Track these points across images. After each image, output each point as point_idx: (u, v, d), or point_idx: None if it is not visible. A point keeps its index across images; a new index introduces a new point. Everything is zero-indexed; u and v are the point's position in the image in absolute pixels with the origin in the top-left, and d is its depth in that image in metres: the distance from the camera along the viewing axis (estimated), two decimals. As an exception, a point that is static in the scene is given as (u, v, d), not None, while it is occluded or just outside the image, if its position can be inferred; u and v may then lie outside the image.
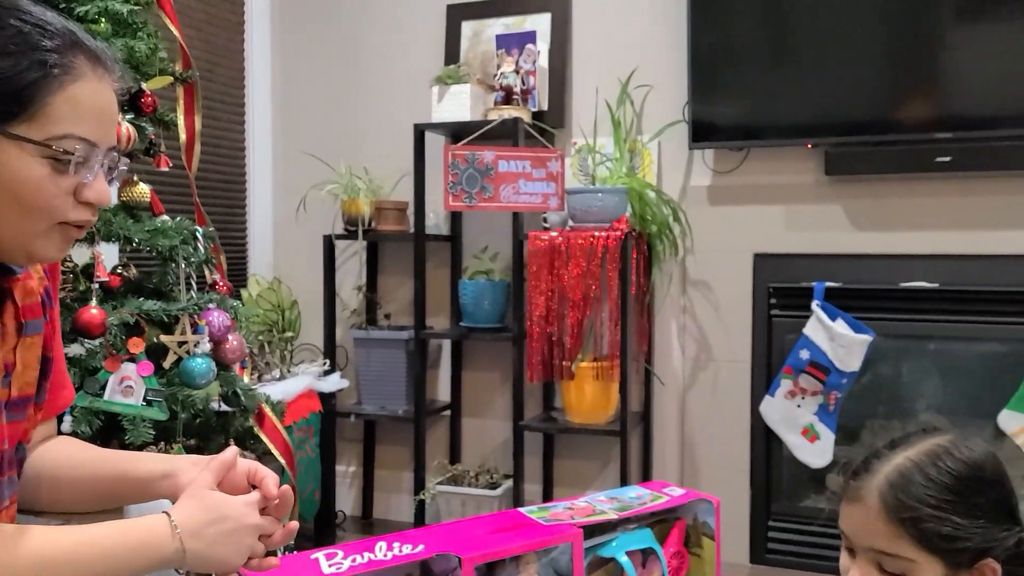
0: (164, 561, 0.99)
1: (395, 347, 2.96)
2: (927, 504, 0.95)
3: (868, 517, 0.98)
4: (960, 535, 0.95)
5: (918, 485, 0.96)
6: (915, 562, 0.96)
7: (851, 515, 1.01)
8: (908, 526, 0.95)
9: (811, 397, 2.59)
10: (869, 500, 0.98)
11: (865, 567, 0.99)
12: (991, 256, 2.47)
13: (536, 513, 2.05)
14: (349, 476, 3.25)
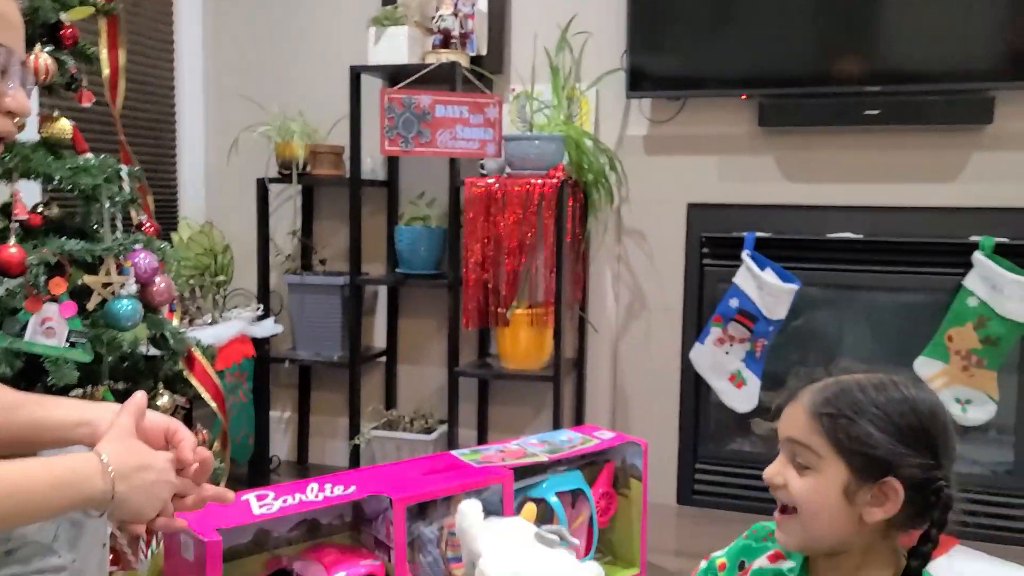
0: (89, 500, 0.96)
1: (330, 293, 2.93)
2: (849, 408, 1.00)
3: (793, 411, 1.04)
4: (868, 442, 0.98)
5: (850, 394, 1.01)
6: (822, 458, 1.00)
7: (786, 411, 1.06)
8: (824, 421, 1.00)
9: (739, 344, 2.66)
10: (803, 398, 1.04)
11: (780, 459, 1.05)
12: (913, 208, 2.54)
13: (468, 455, 2.08)
14: (284, 422, 3.24)
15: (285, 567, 1.69)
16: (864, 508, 1.00)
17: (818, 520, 1.01)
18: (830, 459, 1.00)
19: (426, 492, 1.79)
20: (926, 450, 1.00)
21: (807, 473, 1.01)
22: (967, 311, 2.44)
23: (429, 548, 1.83)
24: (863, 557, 1.03)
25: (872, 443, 0.99)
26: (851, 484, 0.99)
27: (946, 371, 2.48)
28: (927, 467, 1.00)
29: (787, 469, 1.03)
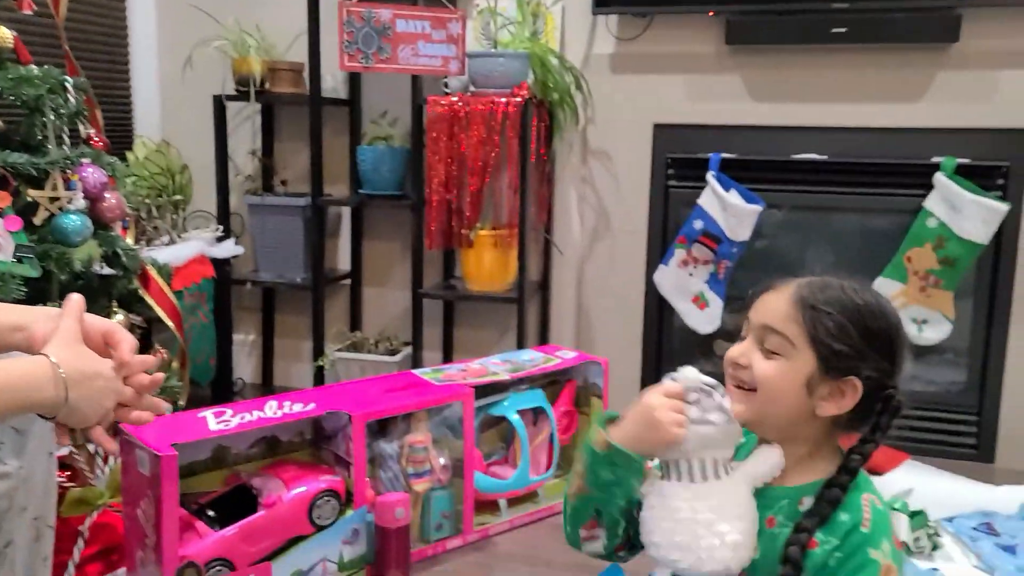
0: (41, 405, 0.95)
1: (292, 214, 2.89)
2: (831, 303, 1.03)
3: (775, 299, 1.05)
4: (843, 339, 1.02)
5: (833, 291, 1.05)
6: (795, 348, 1.02)
7: (764, 301, 1.07)
8: (805, 311, 1.02)
9: (703, 266, 2.67)
10: (785, 287, 1.06)
11: (748, 343, 1.06)
12: (878, 129, 2.53)
13: (429, 374, 2.09)
14: (248, 344, 3.23)
15: (244, 483, 1.70)
16: (819, 402, 1.03)
17: (774, 404, 1.04)
18: (802, 349, 1.02)
19: (386, 409, 1.80)
20: (887, 356, 1.04)
21: (775, 358, 1.03)
22: (926, 232, 2.45)
23: (389, 464, 1.84)
24: (808, 450, 1.06)
25: (846, 340, 1.02)
26: (814, 376, 1.02)
27: (904, 291, 2.51)
28: (885, 372, 1.03)
29: (753, 352, 1.04)
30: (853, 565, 0.97)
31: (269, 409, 1.73)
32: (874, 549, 0.98)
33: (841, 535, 0.99)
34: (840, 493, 1.01)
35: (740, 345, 1.06)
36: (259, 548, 1.62)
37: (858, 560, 0.97)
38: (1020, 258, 2.46)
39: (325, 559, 1.72)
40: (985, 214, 2.36)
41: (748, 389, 1.04)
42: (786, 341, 1.02)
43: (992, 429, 2.54)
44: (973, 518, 2.06)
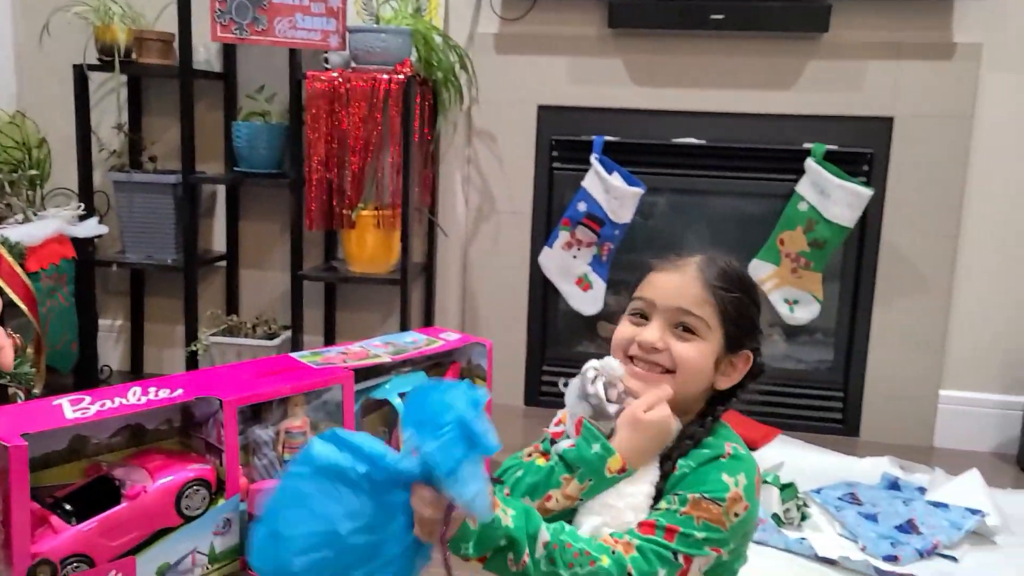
0: None
1: (161, 192, 2.75)
2: (733, 283, 1.08)
3: (684, 281, 1.07)
4: (747, 317, 1.08)
5: (731, 272, 1.09)
6: (710, 328, 1.06)
7: (665, 280, 1.08)
8: (716, 293, 1.06)
9: (586, 248, 2.69)
10: (689, 269, 1.08)
11: (658, 326, 1.06)
12: (753, 115, 2.61)
13: (307, 357, 2.01)
14: (116, 330, 3.06)
15: (105, 474, 1.60)
16: (719, 377, 1.08)
17: (690, 384, 1.07)
18: (715, 329, 1.06)
19: (259, 394, 1.72)
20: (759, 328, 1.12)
21: (692, 339, 1.06)
22: (798, 215, 2.54)
23: (264, 451, 1.77)
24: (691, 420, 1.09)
25: (750, 318, 1.09)
26: (720, 353, 1.07)
27: (777, 273, 2.60)
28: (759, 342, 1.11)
29: (667, 335, 1.05)
30: (702, 477, 1.01)
31: (132, 396, 1.63)
32: (728, 475, 1.01)
33: (700, 460, 1.03)
34: (702, 432, 1.06)
35: (653, 330, 1.06)
36: (121, 542, 1.53)
37: (709, 476, 1.01)
38: (883, 242, 2.58)
39: (195, 551, 1.63)
40: (851, 199, 2.46)
41: (663, 371, 1.06)
42: (703, 323, 1.05)
43: (857, 405, 2.67)
44: (839, 489, 2.16)
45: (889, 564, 1.78)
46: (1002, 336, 2.58)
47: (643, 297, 1.08)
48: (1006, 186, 2.52)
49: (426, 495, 0.89)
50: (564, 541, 0.97)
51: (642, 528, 1.01)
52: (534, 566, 0.95)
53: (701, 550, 1.00)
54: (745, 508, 1.02)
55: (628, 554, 0.98)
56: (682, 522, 1.00)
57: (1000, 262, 2.56)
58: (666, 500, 1.02)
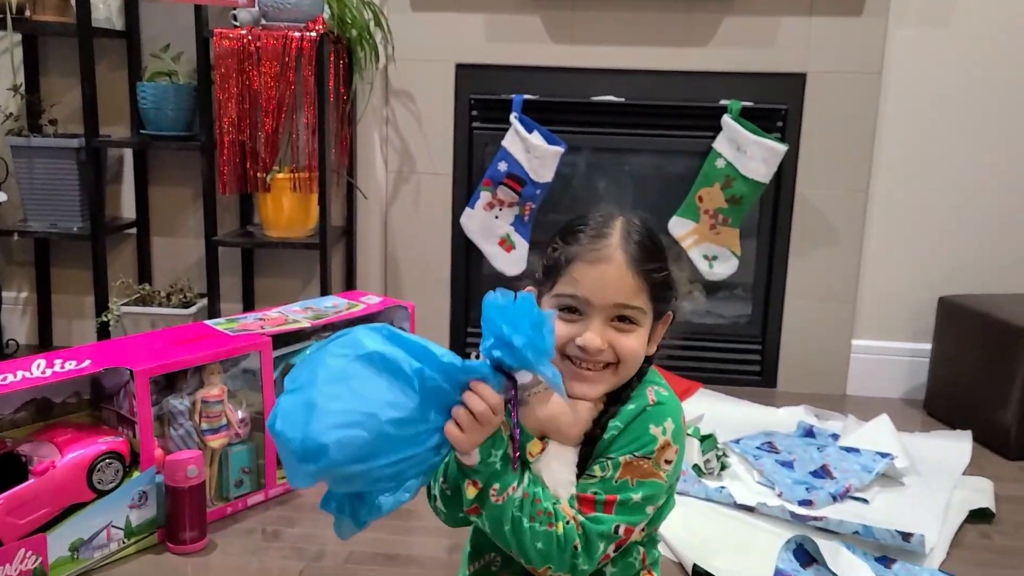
0: None
1: (63, 157, 2.62)
2: (656, 258, 1.05)
3: (616, 274, 1.02)
4: (669, 287, 1.07)
5: (657, 242, 1.06)
6: (645, 313, 1.05)
7: (595, 275, 1.02)
8: (647, 278, 1.03)
9: (508, 208, 2.67)
10: (616, 256, 1.03)
11: (599, 325, 1.03)
12: (671, 72, 2.61)
13: (224, 324, 1.96)
14: (21, 302, 2.93)
15: (10, 450, 1.54)
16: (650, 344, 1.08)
17: (633, 369, 1.06)
18: (648, 310, 1.05)
19: (172, 363, 1.68)
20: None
21: (631, 330, 1.03)
22: (715, 172, 2.57)
23: (180, 420, 1.72)
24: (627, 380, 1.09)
25: (672, 286, 1.07)
26: (651, 326, 1.07)
27: (696, 229, 2.63)
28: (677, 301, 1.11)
29: (607, 332, 1.03)
30: (631, 436, 1.02)
31: (36, 369, 1.56)
32: (655, 425, 1.02)
33: (627, 419, 1.03)
34: (629, 391, 1.06)
35: (594, 331, 1.02)
36: (30, 519, 1.48)
37: (637, 432, 1.02)
38: (797, 197, 2.63)
39: (110, 525, 1.59)
40: (766, 154, 2.50)
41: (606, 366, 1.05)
42: (640, 311, 1.04)
43: (774, 357, 2.74)
44: (757, 438, 2.22)
45: (804, 508, 1.84)
46: (910, 286, 2.67)
47: (575, 295, 1.03)
48: (913, 141, 2.59)
49: (486, 391, 0.93)
50: (536, 495, 0.99)
51: (583, 505, 1.01)
52: (510, 502, 0.97)
53: (642, 514, 1.02)
54: (675, 452, 1.03)
55: (577, 531, 1.00)
56: (618, 488, 1.01)
57: (908, 215, 2.64)
58: (599, 466, 1.02)
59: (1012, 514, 1.93)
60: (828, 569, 1.62)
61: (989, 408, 2.32)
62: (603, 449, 1.03)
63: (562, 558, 0.99)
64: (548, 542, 0.98)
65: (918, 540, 1.69)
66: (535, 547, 0.98)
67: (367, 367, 0.91)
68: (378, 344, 0.92)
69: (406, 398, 0.92)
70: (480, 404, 0.93)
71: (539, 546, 0.98)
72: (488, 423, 0.94)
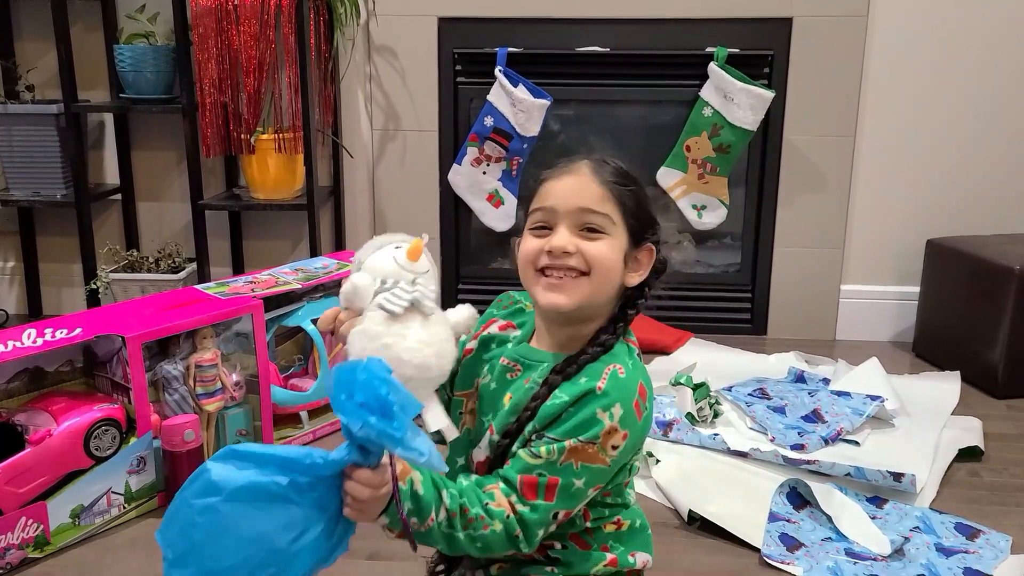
0: None
1: (43, 123, 2.58)
2: (629, 179, 1.06)
3: (580, 182, 1.04)
4: (644, 208, 1.07)
5: (621, 169, 1.07)
6: (615, 224, 1.05)
7: (560, 186, 1.05)
8: (612, 189, 1.04)
9: (495, 164, 2.66)
10: (582, 170, 1.05)
11: (565, 230, 1.04)
12: (656, 20, 2.58)
13: (214, 289, 1.96)
14: (8, 272, 2.92)
15: (6, 420, 1.54)
16: (628, 274, 1.07)
17: (606, 281, 1.05)
18: (619, 225, 1.05)
19: (163, 328, 1.67)
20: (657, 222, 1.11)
21: (599, 238, 1.04)
22: (703, 121, 2.56)
23: (175, 386, 1.73)
24: (601, 324, 1.08)
25: (647, 209, 1.08)
26: (627, 248, 1.06)
27: (685, 179, 2.62)
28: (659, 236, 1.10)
29: (575, 238, 1.04)
30: (576, 420, 1.00)
31: (27, 338, 1.56)
32: (602, 410, 1.01)
33: (575, 393, 1.01)
34: (612, 339, 1.05)
35: (561, 236, 1.03)
36: (29, 488, 1.49)
37: (583, 416, 1.00)
38: (784, 143, 2.63)
39: (110, 491, 1.60)
40: (753, 101, 2.48)
41: (578, 275, 1.04)
42: (607, 219, 1.04)
43: (764, 304, 2.75)
44: (749, 385, 2.24)
45: (796, 452, 1.86)
46: (898, 230, 2.68)
47: (542, 207, 1.05)
48: (900, 85, 2.58)
49: (364, 475, 0.90)
50: (463, 506, 0.99)
51: (525, 489, 1.00)
52: (437, 527, 0.98)
53: (582, 498, 1.02)
54: (624, 437, 1.01)
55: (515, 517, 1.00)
56: (562, 472, 1.00)
57: (895, 159, 2.64)
58: (546, 448, 1.00)
59: (1000, 451, 1.96)
60: (821, 511, 1.65)
61: (977, 348, 2.34)
62: (544, 419, 1.02)
63: (504, 548, 1.01)
64: (487, 541, 1.00)
65: (909, 480, 1.72)
66: (475, 547, 1.00)
67: (237, 505, 0.85)
68: (234, 477, 0.86)
69: (293, 512, 0.87)
70: (362, 490, 0.90)
71: (479, 546, 1.00)
72: (378, 500, 0.92)
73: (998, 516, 1.68)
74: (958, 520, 1.65)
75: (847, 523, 1.61)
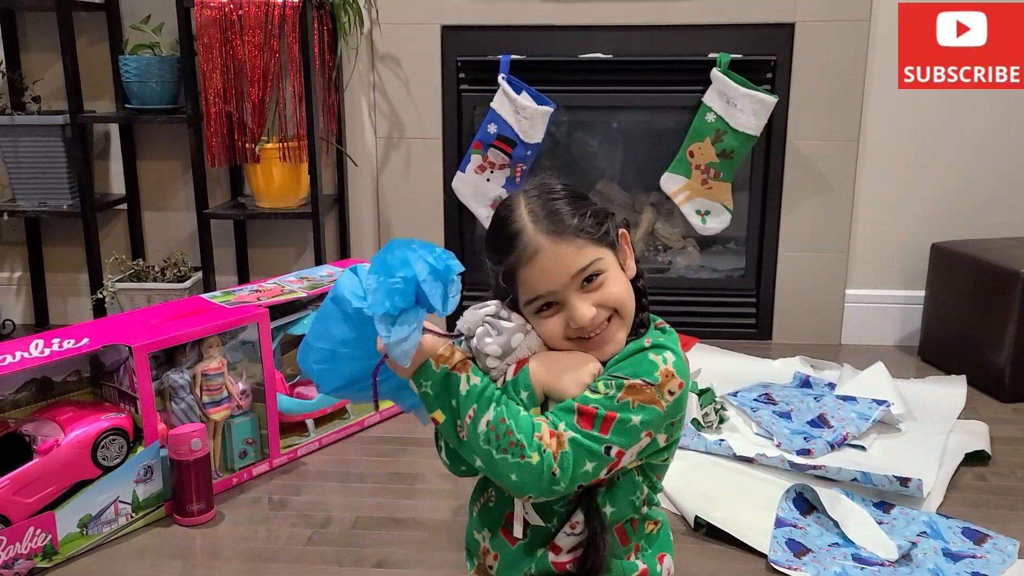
0: None
1: (49, 134, 2.60)
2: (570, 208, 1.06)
3: (552, 256, 1.04)
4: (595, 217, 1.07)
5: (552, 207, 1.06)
6: (601, 258, 1.07)
7: (539, 271, 1.05)
8: (580, 234, 1.05)
9: (499, 171, 2.66)
10: (541, 243, 1.04)
11: (578, 298, 1.05)
12: (658, 27, 2.59)
13: (219, 297, 1.97)
14: (15, 282, 2.93)
15: (13, 430, 1.54)
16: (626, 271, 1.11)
17: (630, 305, 1.09)
18: (602, 248, 1.07)
19: (169, 338, 1.68)
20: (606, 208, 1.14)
21: (603, 280, 1.06)
22: (706, 126, 2.56)
23: (181, 395, 1.73)
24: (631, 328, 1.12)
25: (597, 212, 1.08)
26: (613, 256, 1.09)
27: (688, 185, 2.62)
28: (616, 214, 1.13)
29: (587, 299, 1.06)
30: (633, 362, 1.05)
31: (35, 348, 1.57)
32: (655, 354, 1.06)
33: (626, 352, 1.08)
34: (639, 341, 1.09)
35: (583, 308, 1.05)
36: (37, 498, 1.49)
37: (638, 360, 1.05)
38: (788, 148, 2.63)
39: (117, 500, 1.61)
40: (757, 107, 2.49)
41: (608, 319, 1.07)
42: (597, 259, 1.06)
43: (769, 309, 2.75)
44: (754, 390, 2.24)
45: (802, 458, 1.86)
46: (902, 234, 2.67)
47: (539, 296, 1.06)
48: (903, 89, 2.58)
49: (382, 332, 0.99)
50: (506, 427, 1.01)
51: (581, 418, 1.02)
52: (474, 438, 1.01)
53: (636, 438, 1.03)
54: (680, 386, 1.05)
55: (559, 450, 1.01)
56: (620, 407, 1.02)
57: (899, 163, 2.63)
58: (603, 383, 1.03)
59: (1007, 455, 1.96)
60: (828, 516, 1.64)
61: (982, 352, 2.34)
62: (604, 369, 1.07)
63: (539, 486, 1.01)
64: (522, 472, 1.00)
65: (916, 484, 1.71)
66: (509, 478, 1.01)
67: (334, 308, 1.06)
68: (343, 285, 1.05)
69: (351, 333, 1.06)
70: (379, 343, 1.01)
71: (513, 477, 1.01)
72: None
73: (1005, 520, 1.68)
74: (965, 525, 1.65)
75: (854, 528, 1.61)
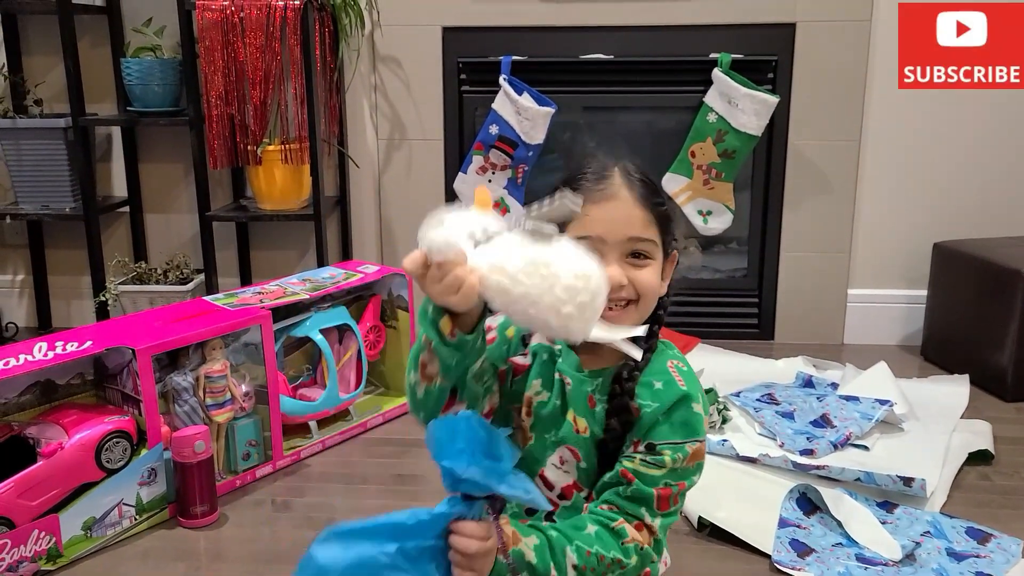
0: None
1: (51, 137, 2.60)
2: (656, 194, 1.06)
3: (624, 208, 1.03)
4: (672, 220, 1.08)
5: (647, 181, 1.06)
6: (657, 246, 1.06)
7: (606, 213, 1.03)
8: (654, 211, 1.04)
9: (501, 172, 2.67)
10: (623, 194, 1.04)
11: (614, 261, 1.03)
12: (659, 27, 2.59)
13: (222, 300, 1.97)
14: (18, 285, 2.93)
15: (17, 433, 1.55)
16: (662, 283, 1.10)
17: (652, 304, 1.07)
18: (659, 245, 1.06)
19: (172, 340, 1.68)
20: None
21: (646, 264, 1.04)
22: (707, 127, 2.56)
23: (185, 397, 1.73)
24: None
25: (677, 220, 1.09)
26: (663, 263, 1.08)
27: (690, 185, 2.62)
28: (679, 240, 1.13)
29: (625, 268, 1.04)
30: (683, 421, 1.04)
31: (38, 351, 1.57)
32: (696, 404, 1.05)
33: (663, 399, 1.04)
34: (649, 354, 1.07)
35: (613, 269, 1.01)
36: (42, 501, 1.49)
37: (685, 416, 1.04)
38: (790, 148, 2.63)
39: (121, 503, 1.61)
40: (758, 107, 2.49)
41: (627, 303, 1.05)
42: (652, 244, 1.05)
43: (771, 309, 2.75)
44: (757, 391, 2.24)
45: (805, 458, 1.86)
46: (904, 233, 2.67)
47: (588, 236, 1.02)
48: (904, 89, 2.58)
49: (468, 528, 0.91)
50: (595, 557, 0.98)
51: (661, 504, 1.03)
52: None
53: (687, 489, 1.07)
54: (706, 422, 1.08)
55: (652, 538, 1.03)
56: (684, 474, 1.04)
57: (901, 163, 2.63)
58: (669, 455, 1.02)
59: (1010, 455, 1.96)
60: (831, 516, 1.64)
61: (985, 351, 2.34)
62: (646, 430, 1.03)
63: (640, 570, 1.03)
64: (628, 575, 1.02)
65: (919, 484, 1.71)
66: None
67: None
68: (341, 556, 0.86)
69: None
70: (469, 543, 0.90)
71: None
72: (486, 554, 0.92)
73: (1009, 520, 1.68)
74: (969, 524, 1.65)
75: (857, 528, 1.61)
